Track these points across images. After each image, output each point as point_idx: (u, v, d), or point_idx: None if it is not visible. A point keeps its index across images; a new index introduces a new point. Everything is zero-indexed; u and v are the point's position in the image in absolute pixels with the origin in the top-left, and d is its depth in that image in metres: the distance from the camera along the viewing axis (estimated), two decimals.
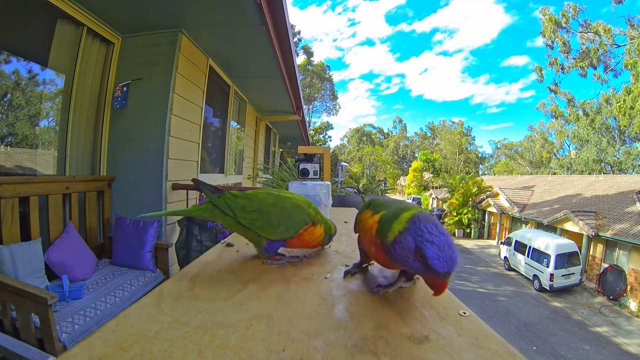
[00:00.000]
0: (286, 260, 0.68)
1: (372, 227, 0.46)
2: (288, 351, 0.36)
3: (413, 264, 0.38)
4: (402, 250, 0.38)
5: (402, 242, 0.38)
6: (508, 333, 7.94)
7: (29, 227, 1.96)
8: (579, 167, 28.10)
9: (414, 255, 0.37)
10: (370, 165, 41.23)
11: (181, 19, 2.72)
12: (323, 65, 36.21)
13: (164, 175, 2.72)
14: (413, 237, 0.37)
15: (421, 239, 0.37)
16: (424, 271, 0.38)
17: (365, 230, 0.48)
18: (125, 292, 2.04)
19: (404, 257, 0.38)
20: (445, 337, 0.39)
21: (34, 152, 2.49)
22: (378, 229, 0.44)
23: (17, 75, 2.38)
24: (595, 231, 10.89)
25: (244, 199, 0.64)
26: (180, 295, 0.51)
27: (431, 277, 0.38)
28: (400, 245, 0.39)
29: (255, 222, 0.63)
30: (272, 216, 0.64)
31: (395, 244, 0.39)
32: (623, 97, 18.71)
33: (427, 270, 0.37)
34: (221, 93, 4.30)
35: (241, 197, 0.64)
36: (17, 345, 1.39)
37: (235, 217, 0.63)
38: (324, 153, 2.48)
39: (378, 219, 0.46)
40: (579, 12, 20.22)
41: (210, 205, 0.64)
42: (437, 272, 0.36)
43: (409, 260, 0.38)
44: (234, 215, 0.63)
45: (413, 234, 0.38)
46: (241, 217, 0.63)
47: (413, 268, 0.39)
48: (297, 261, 0.68)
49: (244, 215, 0.63)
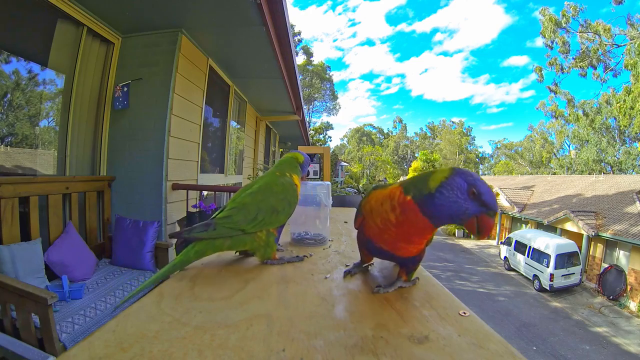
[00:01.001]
0: (287, 259, 0.68)
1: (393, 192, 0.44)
2: (288, 351, 0.36)
3: (464, 204, 0.38)
4: (451, 192, 0.39)
5: (452, 184, 0.39)
6: (508, 333, 7.93)
7: (29, 227, 1.96)
8: (579, 167, 28.09)
9: (466, 194, 0.38)
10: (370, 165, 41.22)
11: (181, 19, 2.72)
12: (323, 66, 36.22)
13: (164, 175, 2.72)
14: (463, 179, 0.39)
15: (472, 178, 0.39)
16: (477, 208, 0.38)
17: (379, 204, 0.46)
18: (125, 292, 2.04)
19: (453, 199, 0.39)
20: (445, 337, 0.39)
21: (34, 152, 2.49)
22: (406, 188, 0.43)
23: (17, 75, 2.38)
24: (595, 231, 10.88)
25: (238, 212, 0.63)
26: (180, 295, 0.51)
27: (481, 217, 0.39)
28: (449, 187, 0.39)
29: (265, 220, 0.64)
30: (274, 204, 0.65)
31: (442, 188, 0.40)
32: (623, 97, 18.69)
33: (481, 206, 0.38)
34: (221, 93, 4.30)
35: (234, 213, 0.63)
36: (17, 345, 1.39)
37: (245, 231, 0.62)
38: (324, 153, 2.48)
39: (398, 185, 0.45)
40: (579, 12, 20.20)
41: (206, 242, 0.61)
42: (490, 207, 0.38)
43: (459, 200, 0.39)
44: (243, 231, 0.62)
45: (462, 176, 0.39)
46: (250, 227, 0.62)
47: (462, 208, 0.39)
48: (297, 261, 0.68)
49: (252, 225, 0.63)
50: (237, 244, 0.63)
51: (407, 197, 0.43)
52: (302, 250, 0.77)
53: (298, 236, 0.86)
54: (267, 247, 0.65)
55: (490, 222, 0.39)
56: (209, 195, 3.76)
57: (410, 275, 0.56)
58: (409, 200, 0.42)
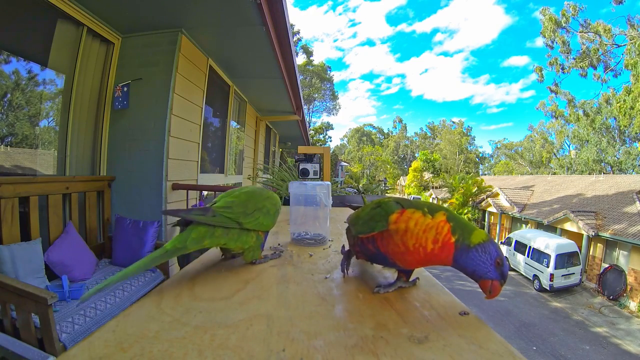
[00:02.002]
0: (270, 257, 0.70)
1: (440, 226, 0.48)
2: (288, 351, 0.36)
3: (488, 268, 0.46)
4: (483, 255, 0.46)
5: (487, 249, 0.46)
6: (508, 333, 7.93)
7: (29, 227, 1.96)
8: (579, 167, 28.08)
9: (494, 262, 0.46)
10: (370, 165, 41.22)
11: (181, 19, 2.72)
12: (324, 66, 36.19)
13: (164, 175, 2.72)
14: (495, 248, 0.46)
15: (500, 251, 0.47)
16: (495, 275, 0.46)
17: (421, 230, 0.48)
18: (125, 292, 2.03)
19: (483, 260, 0.46)
20: (445, 337, 0.39)
21: (34, 152, 2.49)
22: (454, 229, 0.48)
23: (17, 75, 2.38)
24: (595, 231, 10.88)
25: (238, 205, 0.64)
26: (180, 295, 0.51)
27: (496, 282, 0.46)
28: (484, 250, 0.46)
29: (259, 220, 0.65)
30: (268, 207, 0.68)
31: (479, 248, 0.46)
32: (623, 97, 18.69)
33: (499, 275, 0.45)
34: (221, 93, 4.30)
35: (234, 205, 0.63)
36: (17, 345, 1.39)
37: (242, 226, 0.62)
38: (324, 153, 2.48)
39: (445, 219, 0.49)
40: (579, 12, 20.20)
41: (205, 229, 0.58)
42: (504, 278, 0.46)
43: (486, 264, 0.46)
44: (240, 224, 0.62)
45: (494, 247, 0.47)
46: (247, 222, 0.63)
47: (485, 270, 0.46)
48: (279, 255, 0.71)
49: (248, 220, 0.63)
50: (232, 239, 0.62)
51: (452, 239, 0.47)
52: (302, 250, 0.77)
53: (298, 236, 0.86)
54: (256, 249, 0.66)
55: (500, 289, 0.46)
56: (209, 195, 3.76)
57: (410, 276, 0.56)
58: (452, 242, 0.47)
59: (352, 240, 0.60)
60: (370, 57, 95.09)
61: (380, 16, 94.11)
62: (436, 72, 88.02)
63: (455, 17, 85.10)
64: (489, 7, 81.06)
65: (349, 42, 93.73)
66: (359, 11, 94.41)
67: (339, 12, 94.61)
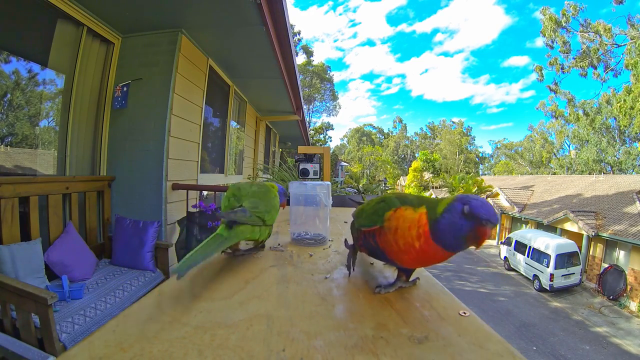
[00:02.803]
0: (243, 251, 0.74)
1: (420, 218, 0.47)
2: (288, 351, 0.36)
3: (460, 222, 0.43)
4: (450, 214, 0.43)
5: (451, 209, 0.44)
6: (508, 333, 7.93)
7: (29, 227, 1.96)
8: (579, 167, 28.08)
9: (460, 213, 0.42)
10: (370, 165, 41.19)
11: (181, 19, 2.72)
12: (324, 66, 36.21)
13: (164, 175, 2.72)
14: (460, 201, 0.44)
15: (466, 199, 0.44)
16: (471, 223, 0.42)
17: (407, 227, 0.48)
18: (125, 292, 2.04)
19: (453, 220, 0.43)
20: (445, 337, 0.39)
21: (34, 152, 2.49)
22: (427, 214, 0.47)
23: (17, 75, 2.38)
24: (595, 231, 10.88)
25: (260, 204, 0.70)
26: (180, 295, 0.51)
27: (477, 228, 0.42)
28: (450, 211, 0.44)
29: (274, 217, 0.74)
30: (275, 204, 0.75)
31: (445, 212, 0.44)
32: (623, 97, 18.69)
33: (473, 219, 0.42)
34: (221, 93, 4.30)
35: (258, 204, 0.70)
36: (17, 345, 1.39)
37: (265, 223, 0.70)
38: (324, 153, 2.48)
39: (425, 211, 0.48)
40: (579, 12, 20.20)
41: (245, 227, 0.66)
42: (480, 218, 0.41)
43: (457, 221, 0.43)
44: (264, 221, 0.69)
45: (460, 200, 0.44)
46: (268, 220, 0.71)
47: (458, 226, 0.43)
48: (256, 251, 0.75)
49: (268, 217, 0.71)
50: (257, 233, 0.69)
51: (428, 221, 0.45)
52: (302, 250, 0.77)
53: (298, 236, 0.86)
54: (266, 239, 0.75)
55: (482, 230, 0.42)
56: (209, 195, 3.76)
57: (410, 275, 0.56)
58: (426, 224, 0.45)
59: (356, 234, 0.60)
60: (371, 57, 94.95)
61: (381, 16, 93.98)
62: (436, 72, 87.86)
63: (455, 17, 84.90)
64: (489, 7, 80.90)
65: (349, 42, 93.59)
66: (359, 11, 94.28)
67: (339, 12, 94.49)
